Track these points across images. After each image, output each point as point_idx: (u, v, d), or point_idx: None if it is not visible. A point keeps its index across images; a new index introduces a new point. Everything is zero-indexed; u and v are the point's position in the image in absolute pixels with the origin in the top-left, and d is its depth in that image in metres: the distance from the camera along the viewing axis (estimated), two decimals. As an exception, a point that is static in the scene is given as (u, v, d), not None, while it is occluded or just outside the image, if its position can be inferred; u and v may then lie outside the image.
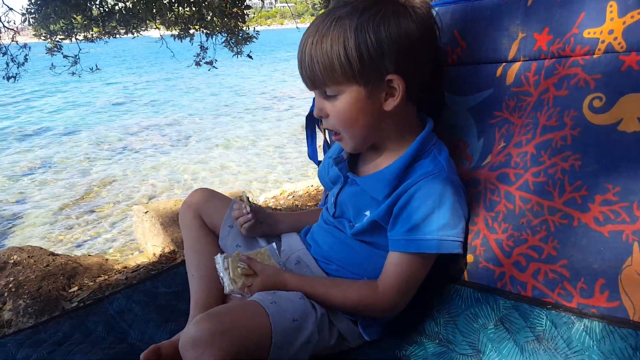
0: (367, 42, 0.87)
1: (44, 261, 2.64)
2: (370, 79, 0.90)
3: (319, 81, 0.93)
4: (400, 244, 0.93)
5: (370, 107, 0.93)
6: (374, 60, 0.88)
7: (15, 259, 2.62)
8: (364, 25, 0.87)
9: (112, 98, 18.76)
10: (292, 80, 22.55)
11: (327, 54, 0.89)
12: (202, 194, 1.25)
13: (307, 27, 0.97)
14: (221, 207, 1.22)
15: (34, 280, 2.40)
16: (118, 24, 5.13)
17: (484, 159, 0.99)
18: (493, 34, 0.94)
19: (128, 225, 6.20)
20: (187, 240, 1.22)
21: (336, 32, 0.88)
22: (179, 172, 8.79)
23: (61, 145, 11.57)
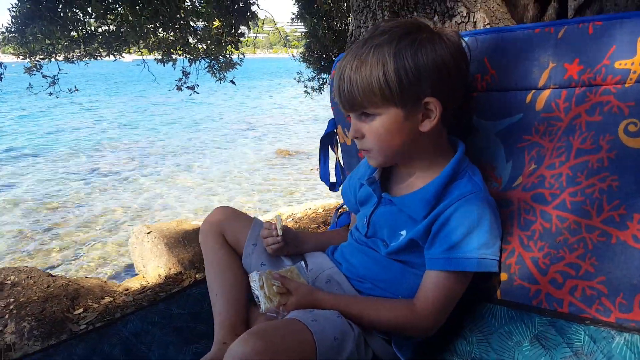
0: (405, 67, 0.92)
1: (44, 282, 2.54)
2: (408, 102, 0.94)
3: (358, 104, 0.97)
4: (439, 262, 0.96)
5: (406, 127, 0.97)
6: (412, 84, 0.92)
7: (13, 279, 2.51)
8: (402, 51, 0.92)
9: (86, 120, 18.47)
10: (266, 107, 22.75)
11: (366, 78, 0.93)
12: (224, 212, 1.25)
13: (344, 55, 1.02)
14: (243, 226, 1.22)
15: (37, 301, 2.31)
16: (100, 45, 5.10)
17: (514, 181, 1.04)
18: (523, 63, 1.00)
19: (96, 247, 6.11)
20: (209, 259, 1.21)
21: (375, 58, 0.93)
22: (152, 197, 8.66)
23: (27, 166, 11.25)
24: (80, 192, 9.08)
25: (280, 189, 9.03)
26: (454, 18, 1.17)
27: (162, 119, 19.10)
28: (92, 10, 4.59)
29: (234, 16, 4.60)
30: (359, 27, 1.31)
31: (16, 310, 2.25)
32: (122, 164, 11.28)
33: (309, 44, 7.33)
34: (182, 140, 14.48)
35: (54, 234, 6.88)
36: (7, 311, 2.25)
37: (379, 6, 1.24)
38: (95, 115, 20.16)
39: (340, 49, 7.42)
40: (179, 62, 5.76)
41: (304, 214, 4.27)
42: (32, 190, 9.31)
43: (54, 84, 4.99)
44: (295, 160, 11.46)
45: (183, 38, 5.35)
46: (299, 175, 10.05)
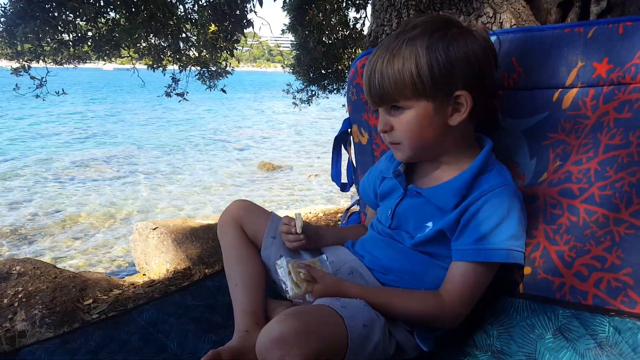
0: (438, 60, 0.93)
1: (51, 273, 2.49)
2: (439, 95, 0.96)
3: (388, 97, 0.99)
4: (468, 253, 0.97)
5: (436, 121, 0.98)
6: (444, 77, 0.94)
7: (19, 269, 2.45)
8: (435, 44, 0.94)
9: (67, 127, 18.19)
10: (250, 119, 22.75)
11: (399, 71, 0.95)
12: (242, 205, 1.24)
13: (376, 49, 1.03)
14: (261, 219, 1.21)
15: (46, 291, 2.25)
16: (90, 48, 5.04)
17: (538, 177, 1.06)
18: (551, 62, 1.03)
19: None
20: (228, 250, 1.20)
21: (408, 51, 0.94)
22: (131, 203, 8.55)
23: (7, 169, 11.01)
24: (61, 197, 8.92)
25: (267, 197, 8.99)
26: (480, 18, 1.20)
27: (144, 127, 18.94)
28: (82, 13, 4.53)
29: (230, 22, 4.61)
30: (382, 26, 1.33)
31: (25, 298, 2.20)
32: (103, 172, 11.11)
33: (299, 56, 7.39)
34: (163, 150, 14.35)
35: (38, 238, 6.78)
36: (16, 299, 2.19)
37: (404, 5, 1.27)
38: (77, 121, 19.87)
39: (329, 62, 7.51)
40: (168, 69, 5.74)
41: (305, 218, 4.25)
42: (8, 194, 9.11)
43: (41, 86, 4.90)
44: (279, 174, 11.46)
45: (175, 44, 5.33)
46: (282, 188, 10.04)
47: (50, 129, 17.45)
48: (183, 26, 5.14)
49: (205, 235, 3.19)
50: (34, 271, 2.47)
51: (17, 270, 2.45)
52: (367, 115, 1.39)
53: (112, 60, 5.52)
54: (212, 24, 4.61)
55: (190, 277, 2.73)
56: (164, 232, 3.25)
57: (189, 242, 3.13)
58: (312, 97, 7.86)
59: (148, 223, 3.56)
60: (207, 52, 5.00)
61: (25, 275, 2.41)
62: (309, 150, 14.75)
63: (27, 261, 2.65)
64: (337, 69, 7.66)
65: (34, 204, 8.39)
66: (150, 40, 5.20)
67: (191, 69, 5.77)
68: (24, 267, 2.50)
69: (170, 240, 3.15)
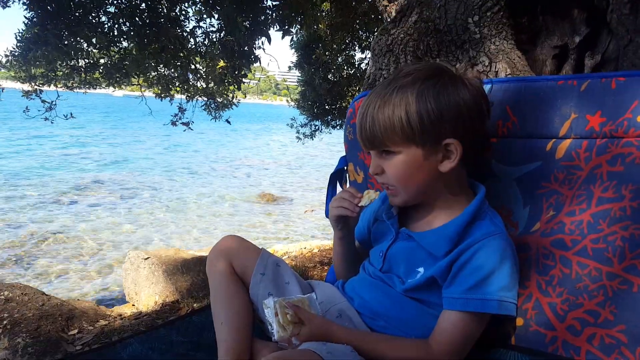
0: (427, 108, 0.94)
1: (39, 300, 2.45)
2: (428, 142, 0.96)
3: (378, 141, 0.99)
4: (459, 302, 0.95)
5: (426, 166, 0.98)
6: (433, 125, 0.95)
7: (7, 295, 2.42)
8: (425, 92, 0.95)
9: (70, 149, 18.38)
10: (254, 150, 22.95)
11: (389, 117, 0.96)
12: (233, 241, 1.22)
13: (370, 93, 1.04)
14: (251, 255, 1.19)
15: (32, 318, 2.21)
16: (101, 75, 5.14)
17: (531, 226, 1.05)
18: (545, 112, 1.04)
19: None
20: (216, 287, 1.17)
21: (398, 98, 0.96)
22: (131, 230, 8.52)
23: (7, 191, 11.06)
24: (58, 220, 8.91)
25: (264, 229, 8.96)
26: (476, 67, 1.22)
27: (148, 153, 19.09)
28: (96, 41, 4.65)
29: (238, 58, 4.71)
30: (380, 70, 1.36)
31: (10, 325, 2.17)
32: (103, 197, 11.14)
33: (304, 92, 7.52)
34: (164, 176, 14.43)
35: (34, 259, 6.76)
36: (0, 326, 2.14)
37: (402, 51, 1.29)
38: (82, 145, 20.10)
39: (333, 99, 7.62)
40: (176, 99, 5.83)
41: (299, 252, 4.22)
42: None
43: (51, 109, 4.98)
44: (278, 205, 11.46)
45: (183, 75, 5.43)
46: (283, 218, 10.02)
47: (55, 152, 17.61)
48: (193, 58, 5.25)
49: (196, 268, 3.16)
50: (22, 297, 2.44)
51: (5, 296, 2.42)
52: (362, 154, 1.40)
53: (122, 87, 5.62)
54: (221, 59, 4.70)
55: (178, 310, 2.69)
56: (155, 263, 3.23)
57: (180, 273, 3.09)
58: (316, 132, 7.94)
59: (140, 252, 3.53)
60: (215, 85, 5.09)
61: (13, 301, 2.38)
62: (309, 183, 14.79)
63: (15, 286, 2.62)
64: (340, 106, 7.77)
65: (31, 224, 8.38)
66: (159, 71, 5.30)
67: (198, 100, 5.86)
68: (12, 293, 2.47)
69: (161, 271, 3.12)
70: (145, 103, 5.52)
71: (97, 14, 4.73)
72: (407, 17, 1.34)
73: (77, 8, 4.47)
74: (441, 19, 1.28)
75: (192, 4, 4.92)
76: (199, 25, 4.96)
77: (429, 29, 1.29)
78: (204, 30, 5.01)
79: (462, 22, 1.24)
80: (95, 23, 4.68)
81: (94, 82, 5.31)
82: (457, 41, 1.25)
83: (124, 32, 4.77)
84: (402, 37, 1.30)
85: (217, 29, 4.85)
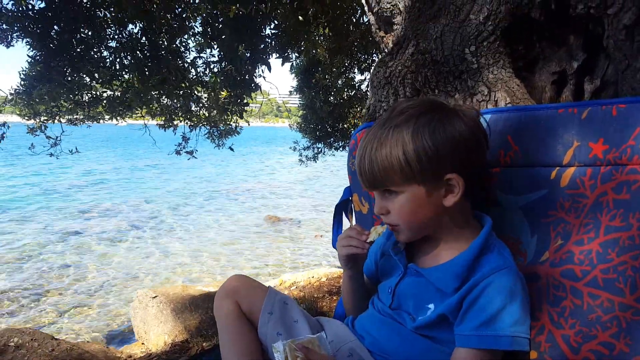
0: (424, 146, 0.94)
1: (48, 345, 2.44)
2: (429, 179, 0.96)
3: (378, 182, 1.00)
4: (472, 339, 0.93)
5: (430, 203, 0.98)
6: (431, 162, 0.95)
7: (17, 341, 2.40)
8: (420, 130, 0.95)
9: (76, 181, 18.51)
10: (258, 173, 23.03)
11: (387, 158, 0.96)
12: (239, 280, 1.22)
13: (365, 136, 1.04)
14: (258, 294, 1.19)
15: None
16: (104, 109, 5.21)
17: (540, 256, 1.04)
18: (547, 141, 1.04)
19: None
20: (224, 328, 1.17)
21: (394, 139, 0.96)
22: (139, 260, 8.50)
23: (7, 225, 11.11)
24: (65, 252, 8.93)
25: (272, 256, 8.93)
26: (475, 96, 1.22)
27: (152, 182, 19.20)
28: (99, 76, 4.73)
29: (240, 87, 4.77)
30: (380, 102, 1.37)
31: None
32: (109, 227, 11.16)
33: (306, 116, 7.58)
34: (170, 203, 14.47)
35: (40, 294, 6.75)
36: None
37: (400, 83, 1.30)
38: (87, 175, 20.26)
39: (335, 121, 7.67)
40: (179, 128, 5.90)
41: (307, 282, 4.18)
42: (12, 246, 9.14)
43: (56, 145, 5.04)
44: (284, 226, 11.44)
45: (186, 105, 5.50)
46: (290, 242, 9.99)
47: (57, 183, 17.73)
48: (195, 88, 5.32)
49: (204, 305, 3.15)
50: (32, 343, 2.43)
51: (15, 343, 2.41)
52: (367, 186, 1.40)
53: (125, 120, 5.69)
54: (223, 89, 4.76)
55: (187, 350, 2.66)
56: (163, 301, 3.23)
57: (188, 312, 3.09)
58: (318, 154, 7.97)
59: (148, 291, 3.54)
60: (218, 114, 5.14)
61: (23, 347, 2.37)
62: (314, 204, 14.78)
63: (25, 332, 2.61)
64: (342, 128, 7.81)
65: (40, 259, 8.38)
66: (162, 102, 5.36)
67: (201, 128, 5.92)
68: (22, 339, 2.46)
69: (170, 309, 3.11)
70: (149, 134, 5.58)
71: (98, 49, 4.82)
72: (404, 49, 1.35)
73: (79, 44, 4.55)
74: (438, 50, 1.29)
75: (192, 36, 5.00)
76: (199, 56, 5.04)
77: (426, 60, 1.30)
78: (205, 61, 5.09)
79: (459, 53, 1.26)
80: (98, 58, 4.76)
81: (97, 116, 5.38)
82: (454, 72, 1.26)
83: (126, 66, 4.84)
84: (399, 70, 1.31)
85: (218, 59, 4.92)
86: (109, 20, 4.66)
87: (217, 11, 4.58)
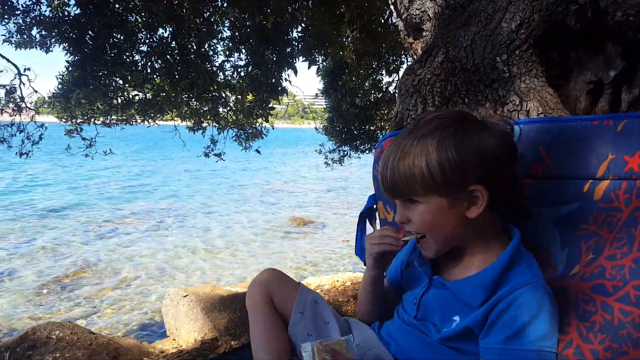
0: (449, 157, 0.94)
1: (87, 339, 2.57)
2: (451, 191, 0.96)
3: (400, 192, 1.00)
4: (496, 353, 0.92)
5: (452, 215, 0.98)
6: (455, 173, 0.94)
7: (58, 334, 2.54)
8: (445, 142, 0.94)
9: (107, 180, 19.03)
10: (283, 174, 23.19)
11: (409, 168, 0.96)
12: (272, 275, 1.21)
13: (390, 145, 1.04)
14: (290, 290, 1.18)
15: (82, 358, 2.31)
16: (136, 112, 5.35)
17: (570, 269, 1.02)
18: (581, 153, 1.02)
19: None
20: (257, 324, 1.16)
21: (418, 149, 0.96)
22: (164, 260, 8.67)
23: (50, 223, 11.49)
24: (99, 248, 9.19)
25: (296, 258, 8.98)
26: (506, 106, 1.21)
27: (182, 182, 19.56)
28: (132, 79, 4.86)
29: (266, 91, 4.83)
30: (408, 110, 1.37)
31: None
32: (141, 225, 11.43)
33: (332, 118, 7.59)
34: (198, 203, 14.70)
35: (74, 288, 6.99)
36: None
37: (429, 91, 1.30)
38: (120, 174, 20.82)
39: (362, 123, 7.66)
40: (208, 131, 6.02)
41: (332, 285, 4.19)
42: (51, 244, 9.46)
43: (91, 146, 5.22)
44: (309, 228, 11.48)
45: (214, 108, 5.60)
46: (314, 245, 10.02)
47: (91, 182, 18.25)
48: (223, 91, 5.42)
49: (232, 305, 3.25)
50: (72, 336, 2.55)
51: (56, 336, 2.54)
52: (392, 194, 1.39)
53: (156, 122, 5.84)
54: (249, 92, 4.83)
55: (217, 348, 2.74)
56: (193, 300, 3.37)
57: (217, 311, 3.19)
58: (344, 157, 7.97)
59: (179, 290, 3.69)
60: (244, 117, 5.23)
61: (63, 340, 2.49)
62: (338, 207, 14.78)
63: (65, 326, 2.75)
64: (369, 130, 7.79)
65: (73, 256, 8.65)
66: (191, 105, 5.48)
67: (228, 131, 6.03)
68: (62, 332, 2.60)
69: (200, 308, 3.23)
70: (180, 137, 5.72)
71: (130, 53, 4.96)
72: (434, 57, 1.35)
73: (112, 49, 4.69)
74: (468, 58, 1.28)
75: (220, 40, 5.09)
76: (227, 60, 5.13)
77: (456, 68, 1.29)
78: (232, 64, 5.18)
79: (490, 61, 1.24)
80: (130, 62, 4.90)
81: (130, 118, 5.53)
82: (485, 80, 1.25)
83: (157, 69, 4.97)
84: (428, 78, 1.31)
85: (245, 64, 4.99)
86: (140, 24, 4.79)
87: (245, 15, 4.65)
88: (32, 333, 2.70)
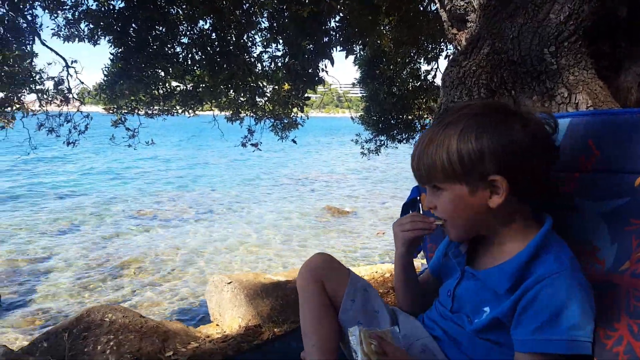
0: (468, 148, 0.95)
1: (137, 322, 2.73)
2: (471, 180, 0.97)
3: (424, 179, 1.04)
4: (527, 344, 0.93)
5: (473, 203, 0.99)
6: (474, 163, 0.95)
7: (111, 317, 2.71)
8: (466, 131, 0.96)
9: (149, 169, 19.63)
10: (318, 164, 23.26)
11: (432, 156, 0.99)
12: (323, 259, 1.22)
13: (426, 130, 1.07)
14: (341, 276, 1.19)
15: (133, 340, 2.49)
16: (177, 102, 5.50)
17: (620, 265, 1.01)
18: (631, 146, 1.00)
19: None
20: (307, 307, 1.16)
21: (442, 137, 0.98)
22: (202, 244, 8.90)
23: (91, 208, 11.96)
24: (141, 235, 9.53)
25: (333, 248, 9.05)
26: (554, 99, 1.19)
27: (219, 170, 19.96)
28: (173, 71, 4.99)
29: (302, 81, 4.86)
30: (452, 102, 1.37)
31: (116, 347, 2.42)
32: (180, 213, 11.76)
33: (369, 108, 7.55)
34: (235, 191, 14.97)
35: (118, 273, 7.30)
36: (108, 347, 2.41)
37: (475, 83, 1.29)
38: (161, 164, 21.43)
39: (399, 113, 7.59)
40: (245, 121, 6.13)
41: (371, 277, 4.22)
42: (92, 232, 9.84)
43: (134, 137, 5.41)
44: (345, 219, 11.52)
45: (252, 99, 5.68)
46: (351, 236, 10.06)
47: (132, 171, 18.86)
48: (261, 82, 5.49)
49: (274, 293, 3.31)
50: (123, 320, 2.69)
51: (110, 318, 2.69)
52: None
53: (196, 113, 5.99)
54: (286, 83, 4.88)
55: (260, 335, 2.83)
56: (237, 287, 3.45)
57: (260, 298, 3.27)
58: (381, 146, 7.93)
59: (223, 277, 3.78)
60: (280, 107, 5.29)
61: (116, 323, 2.65)
62: (374, 197, 14.74)
63: (117, 309, 2.91)
64: (406, 119, 7.71)
65: (117, 242, 9.00)
66: (230, 96, 5.58)
67: (265, 121, 6.11)
68: (115, 315, 2.75)
69: (243, 295, 3.31)
70: (218, 127, 5.84)
71: (172, 46, 5.08)
72: (479, 49, 1.34)
73: (154, 41, 4.82)
74: (515, 50, 1.26)
75: (258, 31, 5.15)
76: (265, 51, 5.18)
77: (502, 60, 1.28)
78: (270, 55, 5.23)
79: (537, 53, 1.23)
80: (171, 54, 5.02)
81: (171, 109, 5.69)
82: (532, 72, 1.23)
83: (197, 61, 5.08)
84: (474, 70, 1.30)
85: (282, 54, 5.04)
86: (181, 17, 4.90)
87: (283, 5, 4.68)
88: (87, 315, 2.85)
